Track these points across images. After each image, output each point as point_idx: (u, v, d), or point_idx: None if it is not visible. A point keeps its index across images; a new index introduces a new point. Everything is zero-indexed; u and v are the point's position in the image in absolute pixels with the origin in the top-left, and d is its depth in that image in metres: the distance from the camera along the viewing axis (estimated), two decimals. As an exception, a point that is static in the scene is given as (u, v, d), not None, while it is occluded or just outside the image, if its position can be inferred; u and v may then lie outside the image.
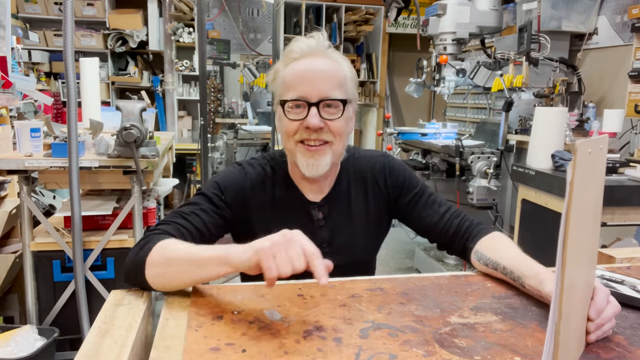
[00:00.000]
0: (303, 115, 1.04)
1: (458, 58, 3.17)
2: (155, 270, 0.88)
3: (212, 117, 4.96)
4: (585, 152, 0.58)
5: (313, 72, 1.04)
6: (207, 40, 3.88)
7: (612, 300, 0.78)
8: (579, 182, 0.56)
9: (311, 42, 1.07)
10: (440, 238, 1.18)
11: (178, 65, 5.14)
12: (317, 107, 1.03)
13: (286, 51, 1.09)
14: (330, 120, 1.04)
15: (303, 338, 0.74)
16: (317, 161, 1.06)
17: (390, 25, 5.78)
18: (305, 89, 1.03)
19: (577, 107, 3.07)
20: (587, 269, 0.72)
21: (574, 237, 0.57)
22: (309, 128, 1.03)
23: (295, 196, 1.14)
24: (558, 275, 0.56)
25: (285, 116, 1.06)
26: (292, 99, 1.04)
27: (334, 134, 1.06)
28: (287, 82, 1.06)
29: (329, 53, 1.07)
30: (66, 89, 1.76)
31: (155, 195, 2.38)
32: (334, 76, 1.05)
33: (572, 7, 3.23)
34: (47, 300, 2.04)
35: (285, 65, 1.08)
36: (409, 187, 1.19)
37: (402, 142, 3.62)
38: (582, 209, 0.60)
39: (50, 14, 4.98)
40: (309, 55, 1.05)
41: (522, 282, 0.92)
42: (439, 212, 1.17)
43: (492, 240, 1.09)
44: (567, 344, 0.62)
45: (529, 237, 2.47)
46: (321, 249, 1.10)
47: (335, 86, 1.04)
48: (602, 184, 0.72)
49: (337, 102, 1.05)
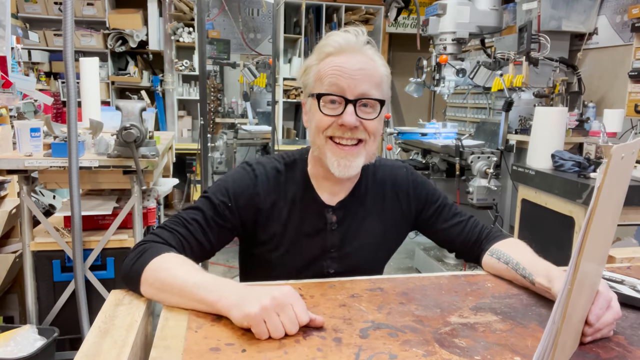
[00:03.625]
0: (338, 111, 1.00)
1: (458, 58, 3.17)
2: (148, 290, 0.88)
3: (212, 117, 4.96)
4: (619, 157, 0.55)
5: (352, 69, 0.99)
6: (207, 40, 3.88)
7: (614, 305, 0.77)
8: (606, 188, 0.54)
9: (349, 36, 1.02)
10: (461, 248, 1.17)
11: (178, 65, 5.14)
12: (354, 105, 1.00)
13: (320, 45, 1.04)
14: (366, 120, 1.01)
15: (303, 338, 0.74)
16: (350, 162, 1.02)
17: (390, 25, 5.78)
18: (343, 85, 0.99)
19: (577, 107, 3.07)
20: (596, 270, 0.71)
21: (591, 241, 0.55)
22: (344, 125, 1.00)
23: (310, 197, 1.11)
24: (569, 277, 0.55)
25: (319, 110, 1.02)
26: (329, 93, 1.00)
27: (369, 133, 1.02)
28: (324, 76, 1.01)
29: (365, 50, 1.03)
30: (66, 89, 1.76)
31: (155, 195, 2.37)
32: (372, 75, 1.01)
33: (572, 7, 3.23)
34: (47, 300, 2.04)
35: (319, 59, 1.03)
36: (431, 201, 1.18)
37: (402, 142, 3.62)
38: (604, 214, 0.58)
39: (50, 14, 4.98)
40: (348, 50, 1.01)
41: (532, 279, 0.92)
42: (461, 223, 1.16)
43: (509, 242, 1.10)
44: (564, 344, 0.62)
45: (529, 237, 2.47)
46: (329, 253, 1.11)
47: (373, 85, 1.01)
48: (626, 188, 0.69)
49: (374, 102, 1.01)
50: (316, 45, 1.07)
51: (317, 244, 1.10)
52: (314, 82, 1.04)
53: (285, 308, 0.74)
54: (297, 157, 1.14)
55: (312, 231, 1.10)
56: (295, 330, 0.74)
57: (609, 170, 0.52)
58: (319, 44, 1.06)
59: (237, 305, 0.75)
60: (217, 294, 0.79)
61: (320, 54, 1.04)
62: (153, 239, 0.97)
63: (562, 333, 0.56)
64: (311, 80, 1.05)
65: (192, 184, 4.83)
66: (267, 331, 0.73)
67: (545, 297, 0.91)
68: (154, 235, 0.98)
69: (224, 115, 5.12)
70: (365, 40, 1.03)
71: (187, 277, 0.84)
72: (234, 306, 0.76)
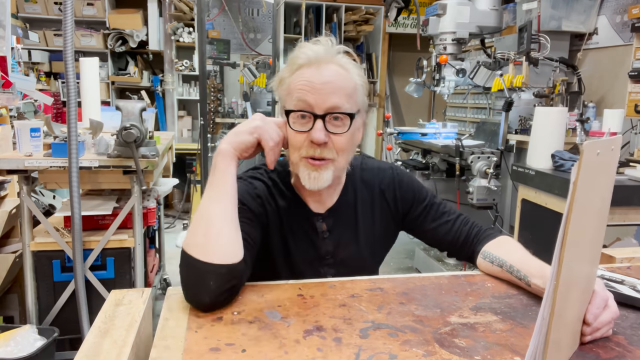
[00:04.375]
0: (308, 126, 0.98)
1: (458, 58, 3.17)
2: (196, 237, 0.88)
3: (212, 117, 4.96)
4: (592, 153, 0.56)
5: (320, 83, 0.97)
6: (207, 40, 3.88)
7: (611, 304, 0.77)
8: (584, 183, 0.55)
9: (318, 48, 1.00)
10: (451, 247, 1.16)
11: (178, 65, 5.13)
12: (323, 120, 0.98)
13: (291, 57, 1.03)
14: (335, 134, 0.99)
15: (303, 338, 0.74)
16: (320, 174, 1.00)
17: (390, 25, 5.77)
18: (312, 101, 0.97)
19: (577, 107, 3.07)
20: (588, 269, 0.71)
21: (574, 237, 0.56)
22: (314, 142, 0.98)
23: (299, 207, 1.10)
24: (553, 273, 0.55)
25: (289, 127, 1.00)
26: (298, 109, 0.99)
27: (337, 150, 1.00)
28: (293, 91, 1.00)
29: (337, 59, 1.01)
30: (66, 89, 1.76)
31: (155, 195, 2.38)
32: (343, 87, 0.99)
33: (572, 7, 3.23)
34: (47, 300, 2.04)
35: (290, 72, 1.02)
36: (418, 200, 1.17)
37: (402, 142, 3.62)
38: (585, 210, 0.59)
39: (50, 14, 4.98)
40: (316, 62, 0.99)
41: (527, 281, 0.92)
42: (449, 222, 1.15)
43: (500, 242, 1.09)
44: (558, 343, 0.61)
45: (529, 237, 2.47)
46: (325, 260, 1.11)
47: (343, 97, 0.98)
48: (611, 185, 0.69)
49: (344, 116, 0.99)
50: (290, 55, 1.05)
51: (312, 252, 1.10)
52: (286, 97, 1.02)
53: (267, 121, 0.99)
54: (280, 170, 1.12)
55: (306, 240, 1.10)
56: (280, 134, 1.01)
57: (582, 166, 0.53)
58: (291, 55, 1.04)
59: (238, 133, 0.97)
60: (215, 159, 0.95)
61: (292, 66, 1.02)
62: None
63: (553, 330, 0.56)
64: (284, 94, 1.03)
65: (192, 184, 4.83)
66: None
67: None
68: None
69: (224, 115, 5.12)
70: (337, 50, 1.01)
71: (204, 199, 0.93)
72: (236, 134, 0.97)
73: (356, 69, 1.03)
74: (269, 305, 0.85)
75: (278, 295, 0.90)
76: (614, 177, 0.71)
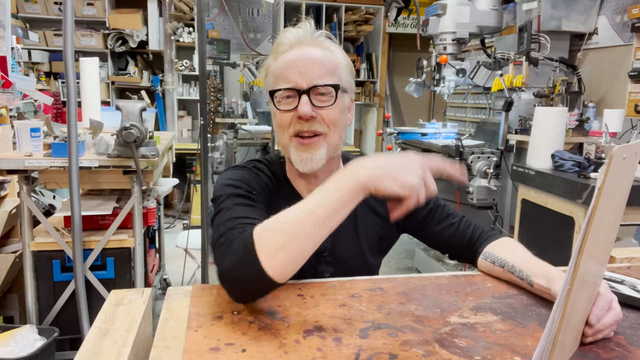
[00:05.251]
0: (294, 104, 0.98)
1: (458, 58, 3.16)
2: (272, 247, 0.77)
3: (212, 117, 4.96)
4: (620, 158, 0.54)
5: (302, 59, 0.98)
6: (207, 40, 3.88)
7: (615, 306, 0.77)
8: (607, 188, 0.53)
9: (299, 31, 1.02)
10: (454, 249, 1.16)
11: (178, 65, 5.14)
12: (308, 95, 0.97)
13: (275, 44, 1.04)
14: (322, 108, 0.98)
15: (303, 338, 0.74)
16: (312, 155, 0.99)
17: (390, 25, 5.77)
18: (295, 78, 0.97)
19: (577, 107, 3.07)
20: (597, 270, 0.70)
21: (592, 241, 0.55)
22: (301, 118, 0.97)
23: (294, 199, 1.08)
24: (568, 277, 0.55)
25: (276, 108, 1.00)
26: (281, 88, 0.99)
27: (327, 123, 0.99)
28: (277, 74, 1.00)
29: (320, 41, 1.02)
30: (66, 89, 1.76)
31: (155, 195, 2.38)
32: (325, 63, 0.99)
33: (572, 7, 3.23)
34: (47, 300, 2.04)
35: (275, 59, 1.02)
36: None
37: (402, 142, 3.62)
38: (605, 214, 0.58)
39: (50, 14, 4.98)
40: (298, 44, 1.00)
41: (530, 281, 0.92)
42: (454, 224, 1.14)
43: (502, 243, 1.08)
44: (563, 344, 0.61)
45: (529, 237, 2.47)
46: (323, 257, 1.09)
47: (326, 72, 0.99)
48: (628, 188, 0.68)
49: (328, 89, 0.98)
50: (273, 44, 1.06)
51: None
52: (272, 83, 1.02)
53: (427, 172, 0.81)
54: (276, 161, 1.12)
55: None
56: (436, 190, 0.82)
57: (610, 171, 0.52)
58: (274, 43, 1.05)
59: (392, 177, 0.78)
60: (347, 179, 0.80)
61: (276, 54, 1.03)
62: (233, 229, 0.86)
63: (561, 332, 0.56)
64: (270, 82, 1.03)
65: (192, 184, 4.83)
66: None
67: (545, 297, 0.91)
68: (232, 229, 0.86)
69: (224, 115, 5.13)
70: (319, 33, 1.02)
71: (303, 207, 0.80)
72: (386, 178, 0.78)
73: (338, 49, 1.04)
74: (269, 305, 0.85)
75: (278, 295, 0.90)
76: (632, 180, 0.70)
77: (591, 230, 0.53)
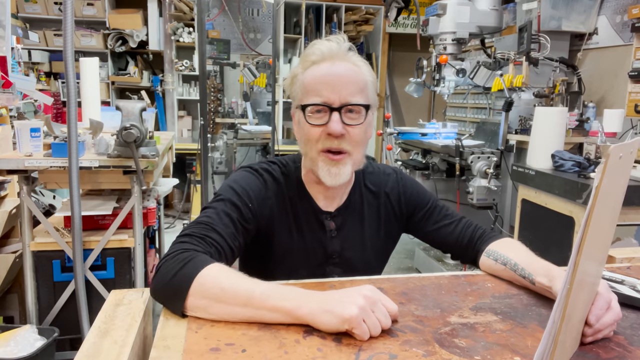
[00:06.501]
0: (324, 120, 1.01)
1: (458, 58, 3.17)
2: (199, 302, 0.79)
3: (212, 117, 4.96)
4: (617, 156, 0.55)
5: (335, 76, 1.01)
6: (207, 40, 3.88)
7: (614, 306, 0.77)
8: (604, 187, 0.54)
9: (331, 45, 1.03)
10: (454, 249, 1.18)
11: (178, 65, 5.14)
12: (339, 113, 1.00)
13: (304, 54, 1.06)
14: (351, 126, 1.01)
15: (303, 338, 0.74)
16: (339, 170, 1.02)
17: (390, 25, 5.78)
18: (327, 94, 1.00)
19: (577, 107, 3.07)
20: (596, 270, 0.71)
21: (590, 241, 0.55)
22: (331, 135, 1.00)
23: (308, 204, 1.12)
24: (568, 277, 0.55)
25: (306, 121, 1.02)
26: (314, 103, 1.01)
27: (353, 143, 1.02)
28: (308, 87, 1.02)
29: (349, 57, 1.04)
30: (66, 89, 1.76)
31: (155, 195, 2.38)
32: (356, 81, 1.02)
33: (572, 7, 3.23)
34: (47, 300, 2.04)
35: (304, 68, 1.04)
36: (421, 203, 1.20)
37: (402, 142, 3.63)
38: (602, 213, 0.58)
39: (50, 14, 4.98)
40: (330, 58, 1.02)
41: (532, 279, 0.92)
42: (451, 224, 1.17)
43: (504, 242, 1.10)
44: (564, 344, 0.62)
45: (529, 237, 2.47)
46: (332, 259, 1.12)
47: (357, 91, 1.01)
48: (624, 187, 0.69)
49: (359, 108, 1.02)
50: (302, 53, 1.08)
51: (319, 250, 1.11)
52: (301, 94, 1.04)
53: (377, 304, 0.75)
54: (290, 164, 1.14)
55: (313, 238, 1.11)
56: (389, 324, 0.76)
57: (607, 170, 0.52)
58: (304, 53, 1.07)
59: (327, 311, 0.74)
60: (294, 301, 0.76)
61: (305, 63, 1.05)
62: (193, 247, 0.88)
63: (562, 332, 0.56)
64: (298, 91, 1.05)
65: (192, 184, 4.83)
66: (367, 332, 0.72)
67: (545, 296, 0.91)
68: (188, 243, 0.90)
69: (224, 115, 5.12)
70: (347, 46, 1.04)
71: (252, 286, 0.79)
72: (323, 312, 0.74)
73: (365, 65, 1.07)
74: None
75: (278, 295, 0.89)
76: (627, 179, 0.71)
77: (589, 230, 0.54)
